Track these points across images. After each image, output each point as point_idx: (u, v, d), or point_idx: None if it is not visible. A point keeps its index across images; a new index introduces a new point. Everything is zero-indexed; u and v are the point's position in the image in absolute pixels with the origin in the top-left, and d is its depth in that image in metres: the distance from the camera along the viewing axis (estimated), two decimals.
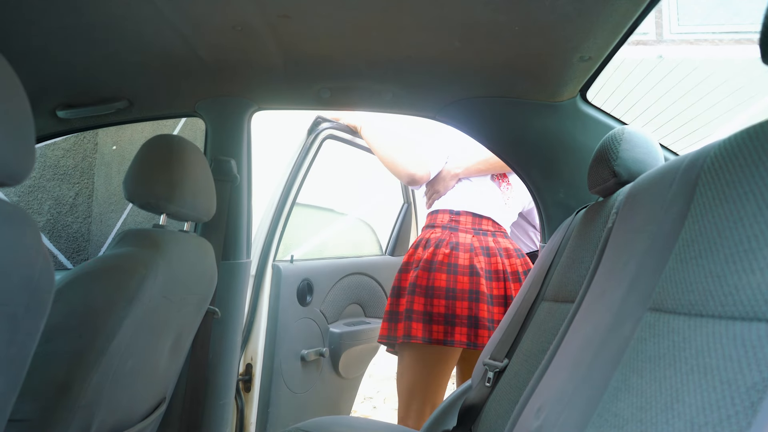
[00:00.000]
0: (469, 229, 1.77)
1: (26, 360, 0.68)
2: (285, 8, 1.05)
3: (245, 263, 1.65)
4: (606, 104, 1.52)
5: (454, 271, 1.68)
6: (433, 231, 1.80)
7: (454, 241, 1.73)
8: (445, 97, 1.52)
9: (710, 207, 0.54)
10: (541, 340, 1.06)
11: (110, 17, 1.09)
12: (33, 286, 0.65)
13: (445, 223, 1.81)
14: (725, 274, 0.48)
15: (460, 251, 1.71)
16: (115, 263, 0.99)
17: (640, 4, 1.00)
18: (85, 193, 3.88)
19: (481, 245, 1.74)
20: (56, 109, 1.52)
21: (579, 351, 0.76)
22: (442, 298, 1.66)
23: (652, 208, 0.73)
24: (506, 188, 1.88)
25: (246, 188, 1.66)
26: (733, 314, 0.45)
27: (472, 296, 1.66)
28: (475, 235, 1.76)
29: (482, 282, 1.67)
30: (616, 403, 0.55)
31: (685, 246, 0.56)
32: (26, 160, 0.63)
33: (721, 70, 3.84)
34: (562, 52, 1.21)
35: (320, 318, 2.15)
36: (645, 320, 0.58)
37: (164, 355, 1.20)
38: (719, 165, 0.55)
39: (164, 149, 1.14)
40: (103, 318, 0.92)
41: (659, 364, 0.51)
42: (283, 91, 1.54)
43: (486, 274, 1.69)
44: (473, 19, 1.07)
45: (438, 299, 1.67)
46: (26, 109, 0.63)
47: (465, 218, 1.81)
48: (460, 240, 1.74)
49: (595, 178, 1.11)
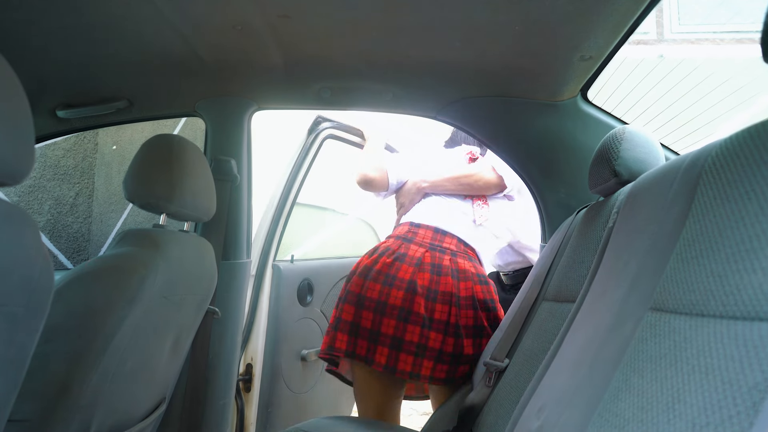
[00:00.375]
0: (425, 243, 1.58)
1: (26, 360, 0.68)
2: (285, 8, 1.05)
3: (245, 263, 1.65)
4: (607, 103, 1.52)
5: (390, 284, 1.48)
6: (387, 240, 1.65)
7: (401, 252, 1.54)
8: (445, 96, 1.52)
9: (711, 206, 0.54)
10: (541, 340, 1.06)
11: (110, 17, 1.09)
12: (33, 286, 0.65)
13: (402, 233, 1.64)
14: (727, 274, 0.47)
15: (404, 263, 1.51)
16: (114, 263, 0.99)
17: (640, 4, 1.00)
18: (85, 193, 3.89)
19: (433, 262, 1.52)
20: (56, 108, 1.52)
21: (580, 351, 0.76)
22: (371, 311, 1.47)
23: (653, 207, 0.73)
24: (480, 206, 1.69)
25: (246, 188, 1.66)
26: (735, 314, 0.45)
27: (401, 315, 1.45)
28: (429, 250, 1.55)
29: (420, 302, 1.45)
30: (617, 403, 0.55)
31: (686, 245, 0.55)
32: (26, 160, 0.63)
33: (723, 70, 3.84)
34: (562, 52, 1.21)
35: (320, 318, 2.15)
36: (646, 320, 0.58)
37: (164, 355, 1.20)
38: (720, 164, 0.55)
39: (164, 149, 1.14)
40: (102, 318, 0.92)
41: (660, 364, 0.51)
42: (284, 90, 1.54)
43: (429, 294, 1.47)
44: (473, 18, 1.07)
45: (367, 311, 1.48)
46: (26, 109, 0.63)
47: (424, 232, 1.62)
48: (409, 252, 1.54)
49: (596, 178, 1.10)
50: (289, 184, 1.97)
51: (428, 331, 1.45)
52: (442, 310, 1.46)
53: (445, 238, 1.60)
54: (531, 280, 1.26)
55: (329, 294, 2.21)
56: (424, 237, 1.60)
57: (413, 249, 1.55)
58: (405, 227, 1.66)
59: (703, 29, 4.59)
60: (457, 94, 1.50)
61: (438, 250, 1.56)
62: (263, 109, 1.66)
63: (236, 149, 1.62)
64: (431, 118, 1.67)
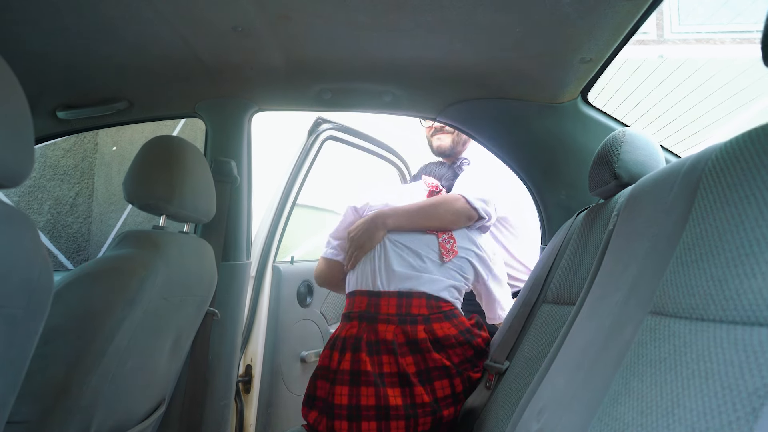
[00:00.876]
0: (393, 318, 1.35)
1: (25, 361, 0.68)
2: (285, 9, 1.05)
3: (245, 264, 1.65)
4: (608, 104, 1.52)
5: (373, 383, 1.27)
6: (349, 326, 1.40)
7: (371, 340, 1.33)
8: (446, 98, 1.52)
9: (711, 210, 0.54)
10: (541, 343, 1.06)
11: (111, 18, 1.09)
12: (32, 288, 0.65)
13: (363, 309, 1.40)
14: (726, 278, 0.47)
15: (383, 354, 1.31)
16: (114, 265, 0.99)
17: (641, 6, 1.00)
18: (85, 193, 3.88)
19: (409, 339, 1.31)
20: (56, 109, 1.52)
21: (580, 354, 0.76)
22: (344, 419, 1.26)
23: (653, 210, 0.73)
24: (447, 241, 1.46)
25: (246, 189, 1.66)
26: (735, 319, 0.45)
27: (398, 414, 1.24)
28: (400, 325, 1.34)
29: (418, 391, 1.26)
30: (616, 407, 0.55)
31: (686, 249, 0.55)
32: (25, 163, 0.63)
33: (724, 71, 3.84)
34: (562, 54, 1.21)
35: (320, 319, 2.15)
36: (646, 324, 0.58)
37: (164, 357, 1.20)
38: (720, 168, 0.55)
39: (164, 150, 1.14)
40: (102, 319, 0.92)
41: (660, 368, 0.51)
42: (284, 92, 1.54)
43: (422, 378, 1.29)
44: (473, 20, 1.07)
45: (339, 421, 1.27)
46: (25, 111, 0.63)
47: (387, 301, 1.38)
48: (379, 336, 1.33)
49: (596, 180, 1.10)
50: (289, 186, 1.97)
51: (439, 413, 1.27)
52: (443, 385, 1.30)
53: (412, 302, 1.37)
54: (531, 282, 1.26)
55: (330, 295, 2.21)
56: (389, 308, 1.37)
57: (382, 330, 1.34)
58: (363, 300, 1.42)
59: (704, 29, 4.59)
60: (457, 96, 1.50)
61: (409, 322, 1.34)
62: (263, 110, 1.66)
63: (236, 150, 1.62)
64: (432, 120, 1.67)
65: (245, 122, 1.63)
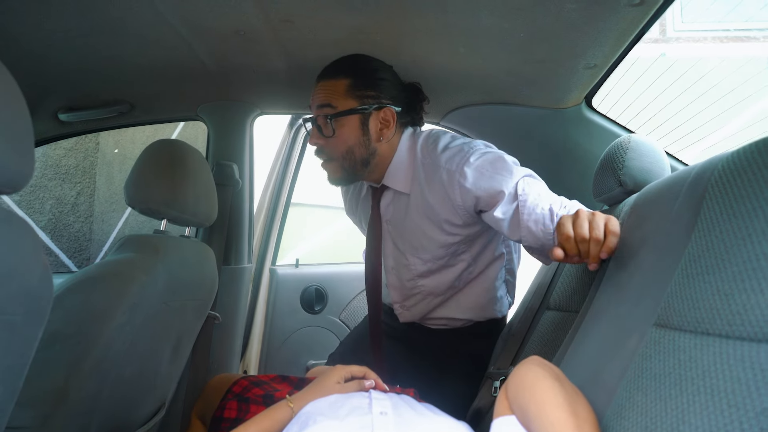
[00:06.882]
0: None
1: (24, 367, 0.67)
2: (288, 13, 1.04)
3: (246, 268, 1.64)
4: (612, 108, 1.51)
5: None
6: None
7: None
8: (449, 103, 1.51)
9: (717, 222, 0.53)
10: (545, 350, 1.05)
11: (113, 21, 1.08)
12: (31, 295, 0.64)
13: None
14: (733, 293, 0.47)
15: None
16: (114, 269, 0.98)
17: (647, 12, 0.99)
18: (86, 193, 3.88)
19: None
20: (58, 111, 1.52)
21: (584, 363, 0.75)
22: None
23: (658, 219, 0.72)
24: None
25: (248, 193, 1.65)
26: (741, 334, 0.44)
27: None
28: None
29: None
30: (620, 421, 0.54)
31: (691, 261, 0.55)
32: (25, 168, 0.63)
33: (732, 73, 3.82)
34: (567, 59, 1.20)
35: (338, 327, 2.00)
36: (650, 336, 0.57)
37: (164, 361, 1.19)
38: (727, 179, 0.54)
39: (165, 154, 1.13)
40: (102, 325, 0.92)
41: (664, 383, 0.51)
42: (286, 95, 1.54)
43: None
44: (478, 25, 1.06)
45: None
46: (25, 116, 0.63)
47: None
48: None
49: (601, 187, 1.10)
50: (279, 184, 1.89)
51: None
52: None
53: None
54: (534, 287, 1.25)
55: (352, 301, 2.02)
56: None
57: None
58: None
59: (708, 27, 4.58)
60: (460, 101, 1.50)
61: None
62: (265, 113, 1.66)
63: (238, 154, 1.62)
64: (434, 124, 1.66)
65: (247, 125, 1.63)
